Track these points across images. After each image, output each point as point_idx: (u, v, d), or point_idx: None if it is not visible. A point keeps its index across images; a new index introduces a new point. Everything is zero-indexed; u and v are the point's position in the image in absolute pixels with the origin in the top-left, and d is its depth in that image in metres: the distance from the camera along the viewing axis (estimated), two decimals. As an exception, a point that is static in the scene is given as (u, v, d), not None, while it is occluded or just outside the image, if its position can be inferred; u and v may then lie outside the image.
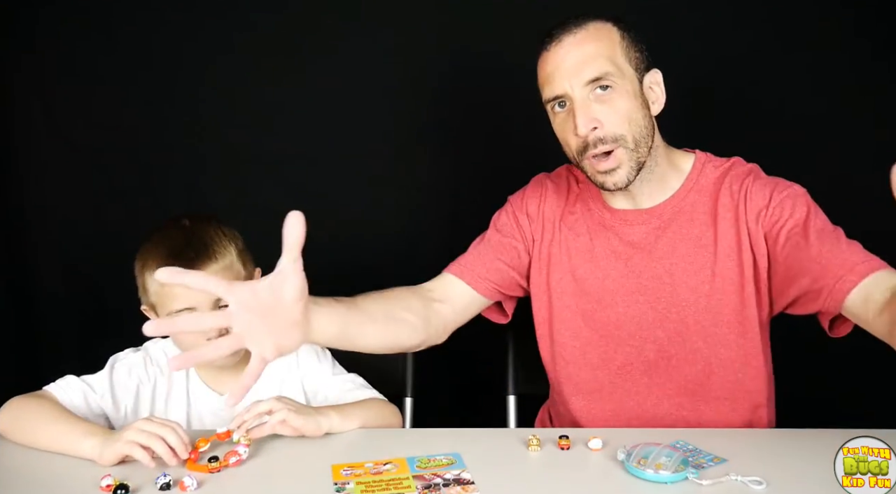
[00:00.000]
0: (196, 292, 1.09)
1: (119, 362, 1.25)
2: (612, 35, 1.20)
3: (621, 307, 1.27)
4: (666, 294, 1.25)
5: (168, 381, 1.25)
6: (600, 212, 1.31)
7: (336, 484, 0.99)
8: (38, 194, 1.94)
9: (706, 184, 1.27)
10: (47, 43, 1.87)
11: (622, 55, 1.19)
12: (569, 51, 1.18)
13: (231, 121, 1.90)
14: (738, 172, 1.26)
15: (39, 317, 1.99)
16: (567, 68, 1.17)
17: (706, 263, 1.24)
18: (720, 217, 1.24)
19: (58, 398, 1.17)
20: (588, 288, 1.29)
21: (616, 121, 1.17)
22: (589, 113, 1.17)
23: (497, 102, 1.87)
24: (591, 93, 1.17)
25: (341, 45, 1.86)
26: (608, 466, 1.02)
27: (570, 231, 1.32)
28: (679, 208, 1.26)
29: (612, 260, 1.28)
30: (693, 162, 1.29)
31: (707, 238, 1.24)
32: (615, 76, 1.17)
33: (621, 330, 1.28)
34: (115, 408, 1.22)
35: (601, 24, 1.20)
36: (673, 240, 1.25)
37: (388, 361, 1.53)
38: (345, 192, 1.94)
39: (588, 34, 1.19)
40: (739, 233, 1.23)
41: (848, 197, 1.81)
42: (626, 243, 1.27)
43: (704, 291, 1.24)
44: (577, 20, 1.20)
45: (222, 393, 1.25)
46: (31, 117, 1.90)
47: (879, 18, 1.75)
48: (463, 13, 1.85)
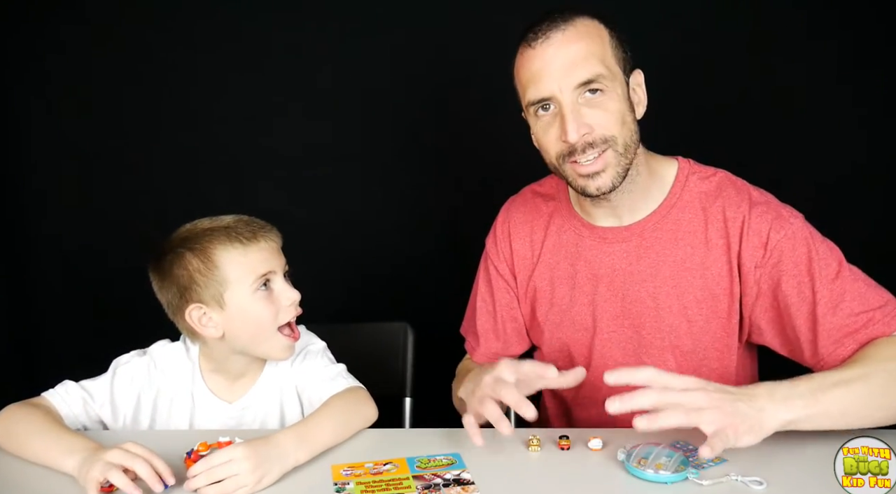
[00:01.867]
0: (278, 256, 1.19)
1: (121, 368, 1.23)
2: (601, 32, 1.12)
3: (606, 333, 1.23)
4: (650, 319, 1.20)
5: (172, 388, 1.24)
6: (578, 231, 1.25)
7: (336, 484, 0.99)
8: (37, 194, 1.94)
9: (690, 199, 1.19)
10: (47, 43, 1.87)
11: (611, 55, 1.11)
12: (558, 49, 1.08)
13: (231, 122, 1.91)
14: (731, 195, 1.17)
15: (39, 317, 1.99)
16: (555, 70, 1.08)
17: (690, 288, 1.18)
18: (710, 243, 1.17)
19: (55, 406, 1.15)
20: (574, 316, 1.25)
21: (608, 123, 1.10)
22: (579, 117, 1.09)
23: (497, 103, 1.87)
24: (580, 96, 1.09)
25: (342, 46, 1.87)
26: (608, 466, 1.02)
27: (548, 261, 1.28)
28: (662, 225, 1.19)
29: (594, 285, 1.23)
30: (676, 172, 1.21)
31: (693, 261, 1.18)
32: (606, 79, 1.09)
33: (607, 358, 1.24)
34: (113, 418, 1.21)
35: (589, 20, 1.12)
36: (655, 262, 1.19)
37: (388, 361, 1.53)
38: (345, 193, 1.94)
39: (577, 32, 1.10)
40: (731, 263, 1.16)
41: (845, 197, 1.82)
42: (607, 265, 1.22)
43: (688, 316, 1.19)
44: (563, 15, 1.10)
45: (228, 400, 1.24)
46: (31, 117, 1.90)
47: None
48: (462, 16, 1.85)
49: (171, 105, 1.90)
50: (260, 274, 1.16)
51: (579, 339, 1.26)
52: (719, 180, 1.20)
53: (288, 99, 1.89)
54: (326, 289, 1.94)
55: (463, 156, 1.92)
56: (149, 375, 1.23)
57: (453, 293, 1.88)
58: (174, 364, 1.25)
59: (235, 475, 0.96)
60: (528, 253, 1.30)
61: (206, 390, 1.24)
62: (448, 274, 1.96)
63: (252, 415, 1.24)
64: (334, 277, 1.96)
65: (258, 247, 1.16)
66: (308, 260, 1.93)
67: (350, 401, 1.17)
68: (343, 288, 1.96)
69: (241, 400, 1.24)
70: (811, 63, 1.79)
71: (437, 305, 1.94)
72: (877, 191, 1.83)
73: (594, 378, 1.24)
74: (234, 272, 1.15)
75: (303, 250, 1.89)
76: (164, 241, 1.18)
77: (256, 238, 1.17)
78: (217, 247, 1.15)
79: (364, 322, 1.56)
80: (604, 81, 1.09)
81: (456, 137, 1.91)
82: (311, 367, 1.26)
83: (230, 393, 1.25)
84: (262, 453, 0.99)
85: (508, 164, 1.85)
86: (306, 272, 1.44)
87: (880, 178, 1.83)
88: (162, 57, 1.88)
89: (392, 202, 1.94)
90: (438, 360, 1.54)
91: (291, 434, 1.05)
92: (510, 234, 1.32)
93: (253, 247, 1.16)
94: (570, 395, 1.32)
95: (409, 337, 1.54)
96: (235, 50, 1.87)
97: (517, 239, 1.31)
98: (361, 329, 1.55)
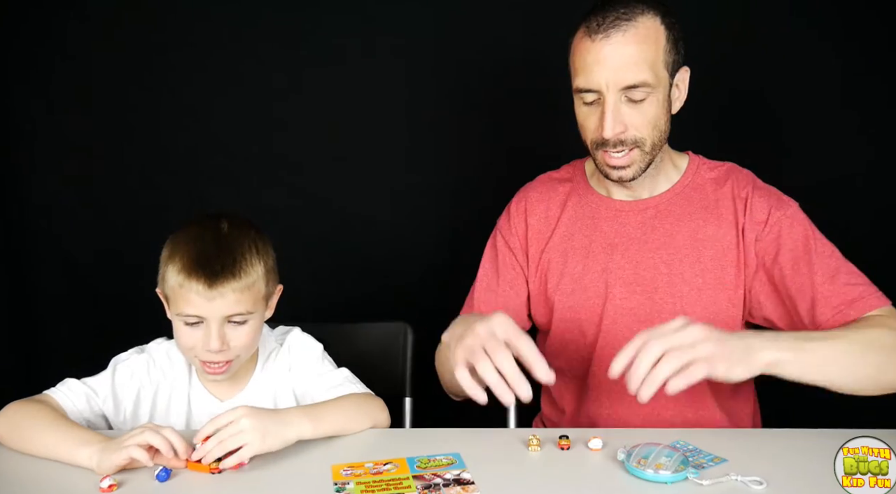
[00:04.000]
0: (211, 307, 1.11)
1: (121, 364, 1.23)
2: (659, 36, 1.16)
3: (618, 299, 1.27)
4: (663, 284, 1.25)
5: (170, 385, 1.24)
6: (595, 205, 1.31)
7: (336, 484, 0.99)
8: (37, 194, 1.94)
9: (702, 182, 1.29)
10: (47, 43, 1.87)
11: (663, 60, 1.17)
12: (615, 49, 1.14)
13: (233, 121, 1.90)
14: (739, 178, 1.27)
15: (38, 317, 1.99)
16: (607, 68, 1.14)
17: (701, 258, 1.24)
18: (720, 216, 1.25)
19: (59, 402, 1.15)
20: (586, 284, 1.29)
21: (642, 125, 1.18)
22: (618, 116, 1.16)
23: (497, 104, 1.88)
24: (623, 95, 1.16)
25: (342, 46, 1.87)
26: (608, 466, 1.02)
27: (563, 233, 1.32)
28: (675, 201, 1.28)
29: (608, 253, 1.28)
30: (688, 162, 1.32)
31: (705, 233, 1.25)
32: (651, 85, 1.16)
33: (618, 324, 1.27)
34: (115, 412, 1.21)
35: (651, 19, 1.16)
36: (669, 232, 1.26)
37: (389, 361, 1.53)
38: (345, 192, 1.94)
39: (637, 33, 1.14)
40: (738, 236, 1.24)
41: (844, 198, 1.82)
42: (622, 234, 1.28)
43: (698, 285, 1.24)
44: (626, 10, 1.15)
45: (222, 399, 1.24)
46: (31, 117, 1.90)
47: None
48: (466, 14, 1.85)
49: (172, 104, 1.90)
50: (183, 313, 1.13)
51: (591, 307, 1.29)
52: (727, 168, 1.30)
53: (288, 98, 1.89)
54: (326, 289, 1.95)
55: (463, 157, 1.92)
56: (147, 372, 1.24)
57: (453, 293, 1.88)
58: (171, 361, 1.25)
59: (240, 432, 1.01)
60: (544, 226, 1.34)
61: (202, 387, 1.25)
62: (448, 274, 1.96)
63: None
64: (334, 277, 1.96)
65: (199, 290, 1.11)
66: (308, 259, 1.94)
67: (363, 402, 1.18)
68: (343, 288, 1.96)
69: (234, 399, 1.24)
70: (810, 66, 1.79)
71: (437, 305, 1.94)
72: (876, 194, 1.84)
73: (603, 350, 1.28)
74: (170, 291, 1.15)
75: (303, 250, 1.90)
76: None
77: (213, 283, 1.11)
78: (171, 265, 1.14)
79: (364, 322, 1.56)
80: (648, 88, 1.16)
81: (456, 137, 1.91)
82: (313, 373, 1.25)
83: (224, 391, 1.25)
84: (265, 416, 1.04)
85: (509, 165, 1.86)
86: (306, 272, 1.45)
87: (880, 182, 1.83)
88: (162, 56, 1.88)
89: (392, 202, 1.94)
90: (438, 360, 1.54)
91: (297, 409, 1.12)
92: (526, 211, 1.36)
93: (195, 286, 1.11)
94: (579, 373, 1.32)
95: (409, 337, 1.53)
96: (237, 49, 1.87)
97: (533, 214, 1.35)
98: (361, 329, 1.55)
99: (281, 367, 1.27)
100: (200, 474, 1.02)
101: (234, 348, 1.16)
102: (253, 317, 1.17)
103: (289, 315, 1.33)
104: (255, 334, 1.19)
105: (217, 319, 1.13)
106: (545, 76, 1.80)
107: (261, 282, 1.17)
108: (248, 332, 1.17)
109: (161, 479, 0.99)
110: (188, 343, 1.16)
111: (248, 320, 1.16)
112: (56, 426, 1.08)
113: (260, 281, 1.16)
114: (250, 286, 1.14)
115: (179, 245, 1.15)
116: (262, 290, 1.17)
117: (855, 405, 1.32)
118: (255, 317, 1.17)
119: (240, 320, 1.15)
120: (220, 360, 1.16)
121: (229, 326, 1.15)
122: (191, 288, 1.11)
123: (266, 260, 1.18)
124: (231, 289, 1.12)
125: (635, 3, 1.16)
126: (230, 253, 1.14)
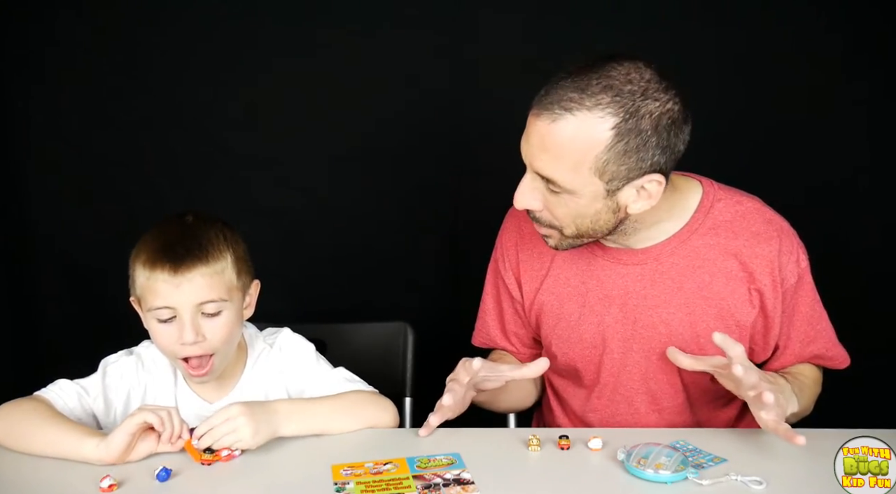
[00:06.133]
0: (180, 294, 1.10)
1: (111, 366, 1.22)
2: (597, 141, 1.00)
3: (617, 354, 1.21)
4: (660, 345, 1.17)
5: (158, 387, 1.23)
6: (590, 250, 1.20)
7: (336, 484, 0.99)
8: (37, 194, 1.94)
9: (715, 225, 1.16)
10: (47, 43, 1.87)
11: (592, 166, 1.01)
12: (537, 133, 1.03)
13: (232, 122, 1.90)
14: (759, 228, 1.16)
15: (38, 317, 1.99)
16: (529, 148, 1.06)
17: (705, 316, 1.17)
18: (730, 273, 1.16)
19: (52, 402, 1.15)
20: (582, 333, 1.22)
21: (559, 215, 1.08)
22: (533, 193, 1.08)
23: (500, 102, 1.87)
24: (542, 182, 1.06)
25: (342, 44, 1.86)
26: (608, 466, 1.02)
27: (557, 275, 1.24)
28: (679, 251, 1.16)
29: (605, 306, 1.20)
30: (700, 198, 1.17)
31: (710, 290, 1.16)
32: (563, 187, 1.04)
33: (615, 378, 1.23)
34: (105, 412, 1.20)
35: (597, 119, 0.99)
36: (671, 288, 1.17)
37: (389, 361, 1.53)
38: (344, 192, 1.94)
39: (566, 130, 1.00)
40: (750, 295, 1.16)
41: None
42: (620, 287, 1.19)
43: (700, 344, 1.17)
44: (574, 97, 1.00)
45: (209, 400, 1.23)
46: (31, 117, 1.90)
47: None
48: (462, 17, 1.85)
49: (170, 104, 1.90)
50: (154, 308, 1.11)
51: (587, 356, 1.23)
52: (746, 210, 1.17)
53: (287, 97, 1.89)
54: (326, 289, 1.94)
55: (464, 156, 1.91)
56: (136, 373, 1.23)
57: (453, 293, 1.88)
58: (158, 362, 1.24)
59: (234, 430, 1.04)
60: (537, 265, 1.26)
61: (189, 390, 1.23)
62: (448, 274, 1.96)
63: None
64: (334, 277, 1.95)
65: (165, 277, 1.09)
66: (307, 259, 1.94)
67: (360, 401, 1.18)
68: (343, 288, 1.96)
69: (222, 401, 1.21)
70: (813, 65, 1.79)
71: (437, 305, 1.95)
72: (877, 196, 1.84)
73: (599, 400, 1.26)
74: (140, 289, 1.13)
75: (302, 250, 1.90)
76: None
77: (178, 267, 1.09)
78: (137, 262, 1.13)
79: (364, 322, 1.56)
80: (561, 186, 1.04)
81: (457, 137, 1.91)
82: (310, 374, 1.25)
83: (212, 392, 1.23)
84: (256, 410, 1.07)
85: (510, 164, 1.85)
86: (306, 272, 1.45)
87: (882, 184, 1.83)
88: (160, 55, 1.87)
89: (392, 202, 1.94)
90: (438, 360, 1.53)
91: (288, 402, 1.16)
92: (517, 246, 1.28)
93: (160, 275, 1.09)
94: (579, 406, 1.30)
95: (409, 337, 1.53)
96: (235, 48, 1.86)
97: (524, 250, 1.27)
98: (361, 329, 1.55)
99: (272, 369, 1.25)
100: (200, 474, 1.02)
101: (210, 340, 1.12)
102: (227, 308, 1.13)
103: (289, 315, 1.33)
104: (231, 327, 1.15)
105: (188, 308, 1.10)
106: (546, 74, 1.81)
107: (230, 271, 1.14)
108: (224, 324, 1.13)
109: (161, 479, 0.99)
110: (164, 341, 1.13)
111: (222, 311, 1.13)
112: (56, 422, 1.09)
113: (229, 268, 1.14)
114: (220, 271, 1.12)
115: (145, 242, 1.14)
116: (234, 280, 1.15)
117: (855, 405, 1.33)
118: (229, 308, 1.14)
119: (213, 310, 1.12)
120: (199, 354, 1.12)
121: (203, 319, 1.12)
122: (156, 278, 1.09)
123: (235, 249, 1.16)
124: (199, 274, 1.10)
125: (601, 90, 1.00)
126: (195, 238, 1.13)
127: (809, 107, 1.80)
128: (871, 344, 1.34)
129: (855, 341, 1.27)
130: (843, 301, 1.30)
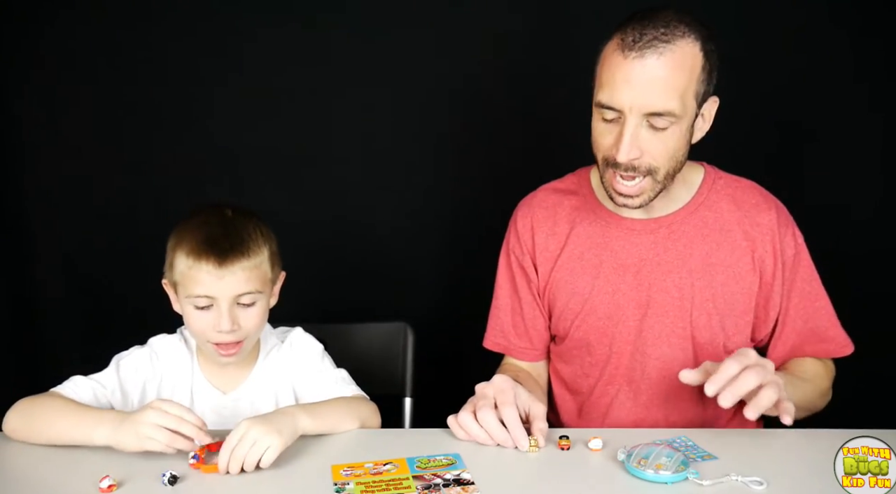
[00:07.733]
0: (222, 286, 1.14)
1: (124, 360, 1.25)
2: (696, 63, 1.09)
3: (631, 322, 1.24)
4: (674, 309, 1.23)
5: (173, 378, 1.26)
6: (605, 222, 1.26)
7: (336, 484, 0.99)
8: (37, 194, 1.94)
9: (717, 199, 1.24)
10: (47, 43, 1.87)
11: (693, 89, 1.10)
12: (646, 72, 1.06)
13: (232, 121, 1.90)
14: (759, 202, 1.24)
15: (39, 318, 1.99)
16: (635, 90, 1.07)
17: (713, 282, 1.22)
18: (735, 243, 1.22)
19: (67, 395, 1.17)
20: (595, 305, 1.26)
21: (658, 155, 1.12)
22: (636, 141, 1.10)
23: (501, 102, 1.88)
24: (646, 120, 1.09)
25: (342, 45, 1.87)
26: (608, 466, 1.02)
27: (572, 252, 1.28)
28: (688, 221, 1.23)
29: (619, 275, 1.24)
30: (703, 176, 1.26)
31: (718, 257, 1.22)
32: (677, 115, 1.09)
33: (629, 345, 1.25)
34: (123, 404, 1.23)
35: (691, 44, 1.08)
36: (682, 254, 1.22)
37: (389, 361, 1.53)
38: (345, 192, 1.94)
39: (674, 58, 1.06)
40: (754, 265, 1.22)
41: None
42: (634, 255, 1.24)
43: (708, 310, 1.22)
44: (666, 30, 1.06)
45: (225, 391, 1.26)
46: (31, 117, 1.90)
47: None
48: (469, 16, 1.85)
49: (171, 104, 1.90)
50: (193, 295, 1.16)
51: (600, 328, 1.26)
52: (744, 186, 1.27)
53: (287, 98, 1.89)
54: (326, 289, 1.95)
55: (464, 156, 1.91)
56: (151, 364, 1.26)
57: (453, 293, 1.88)
58: (173, 353, 1.27)
59: (254, 442, 1.01)
60: (552, 244, 1.29)
61: (204, 380, 1.26)
62: (448, 274, 1.96)
63: (246, 406, 1.25)
64: (334, 277, 1.96)
65: (209, 269, 1.15)
66: (308, 259, 1.94)
67: (354, 404, 1.19)
68: (343, 288, 1.96)
69: (236, 391, 1.26)
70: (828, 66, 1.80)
71: (437, 305, 1.95)
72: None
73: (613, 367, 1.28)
74: (180, 276, 1.18)
75: (302, 250, 1.90)
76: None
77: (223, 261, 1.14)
78: (179, 250, 1.17)
79: (364, 322, 1.56)
80: (673, 118, 1.09)
81: (457, 137, 1.91)
82: (312, 371, 1.26)
83: (226, 383, 1.27)
84: (267, 416, 1.06)
85: (510, 165, 1.86)
86: (306, 272, 1.44)
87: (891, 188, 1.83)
88: (162, 56, 1.87)
89: (392, 202, 1.94)
90: (438, 360, 1.54)
91: (296, 406, 1.15)
92: (532, 228, 1.31)
93: (205, 266, 1.15)
94: (586, 388, 1.32)
95: (409, 337, 1.53)
96: (236, 49, 1.87)
97: (540, 232, 1.31)
98: (361, 329, 1.55)
99: (282, 363, 1.28)
100: (200, 474, 1.02)
101: (244, 328, 1.18)
102: (261, 298, 1.20)
103: (289, 315, 1.34)
104: (263, 316, 1.22)
105: (227, 298, 1.16)
106: (546, 77, 1.81)
107: (266, 264, 1.20)
108: (257, 314, 1.20)
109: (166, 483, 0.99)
110: (199, 326, 1.18)
111: (257, 301, 1.19)
112: (68, 411, 1.11)
113: (266, 262, 1.20)
114: (258, 265, 1.18)
115: (186, 231, 1.19)
116: (269, 272, 1.21)
117: (855, 405, 1.33)
118: (262, 299, 1.20)
119: (248, 301, 1.18)
120: (232, 340, 1.18)
121: (239, 308, 1.18)
122: (200, 268, 1.15)
123: (271, 244, 1.23)
124: (241, 267, 1.16)
125: (677, 23, 1.07)
126: (237, 233, 1.18)
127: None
128: (871, 344, 1.34)
129: (855, 341, 1.27)
130: (843, 301, 1.30)
